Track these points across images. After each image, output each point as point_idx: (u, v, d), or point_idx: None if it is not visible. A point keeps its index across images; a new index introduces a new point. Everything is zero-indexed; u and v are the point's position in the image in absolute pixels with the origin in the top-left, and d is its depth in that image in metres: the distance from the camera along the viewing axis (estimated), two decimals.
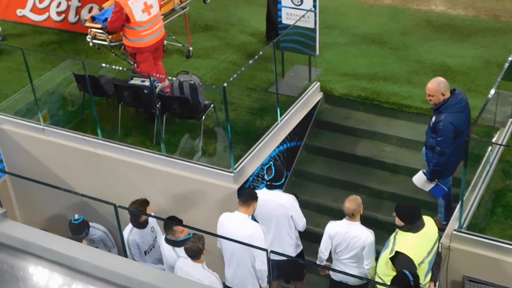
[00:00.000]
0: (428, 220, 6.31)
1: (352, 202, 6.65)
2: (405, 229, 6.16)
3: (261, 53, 8.49)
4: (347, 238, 6.70)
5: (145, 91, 8.69)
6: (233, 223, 6.76)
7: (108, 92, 9.08)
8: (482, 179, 7.53)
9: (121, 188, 8.53)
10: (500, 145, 7.93)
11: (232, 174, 7.83)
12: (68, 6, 11.70)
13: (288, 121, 8.69)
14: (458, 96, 6.95)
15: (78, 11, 11.65)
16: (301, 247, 7.37)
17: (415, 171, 7.49)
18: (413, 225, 6.14)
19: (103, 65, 9.20)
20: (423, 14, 11.17)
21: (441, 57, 9.83)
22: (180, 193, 8.27)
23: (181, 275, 6.48)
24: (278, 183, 7.09)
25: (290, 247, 7.24)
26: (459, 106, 6.91)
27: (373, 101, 9.00)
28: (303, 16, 9.13)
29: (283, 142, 8.57)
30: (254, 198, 6.80)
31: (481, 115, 6.92)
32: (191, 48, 10.54)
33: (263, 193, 7.05)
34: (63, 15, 11.75)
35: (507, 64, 7.59)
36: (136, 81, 8.95)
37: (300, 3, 9.23)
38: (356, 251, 6.70)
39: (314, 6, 9.09)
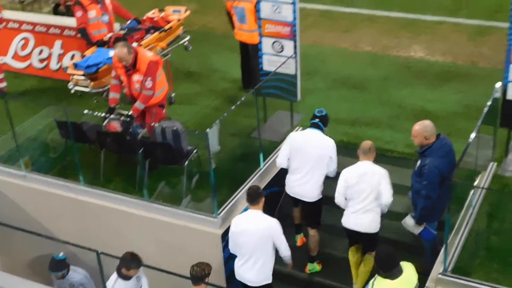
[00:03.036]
0: (407, 266, 6.24)
1: (369, 141, 7.38)
2: (383, 275, 6.11)
3: (243, 99, 8.55)
4: (363, 174, 7.18)
5: (128, 137, 8.69)
6: (247, 221, 7.04)
7: (91, 139, 9.06)
8: (465, 222, 7.56)
9: (104, 234, 8.45)
10: (482, 188, 7.99)
11: (216, 220, 7.79)
12: (50, 54, 11.74)
13: (271, 166, 8.70)
14: (442, 141, 7.02)
15: (60, 58, 11.68)
16: (322, 195, 7.75)
17: (399, 215, 7.50)
18: (390, 272, 6.09)
19: (85, 111, 9.18)
20: (403, 60, 11.35)
21: (422, 102, 9.96)
22: (164, 239, 8.20)
23: None
24: (323, 126, 7.73)
25: (316, 189, 7.68)
26: (443, 151, 6.98)
27: (355, 145, 9.02)
28: (284, 62, 9.24)
29: (266, 187, 8.55)
30: (261, 194, 7.07)
31: (463, 158, 6.98)
32: (173, 94, 10.58)
33: (306, 132, 7.71)
34: (45, 62, 11.78)
35: (486, 108, 7.70)
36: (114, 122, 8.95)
37: (281, 50, 9.35)
38: (372, 187, 7.11)
39: (295, 52, 9.21)
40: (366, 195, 7.20)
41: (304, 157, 7.63)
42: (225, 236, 7.66)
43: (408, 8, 13.04)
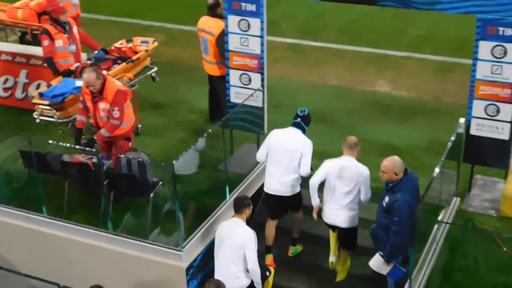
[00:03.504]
0: None
1: (354, 136, 7.68)
2: None
3: (210, 130, 8.55)
4: (345, 169, 7.48)
5: (92, 168, 8.61)
6: (227, 228, 7.29)
7: (55, 169, 8.95)
8: (429, 258, 7.60)
9: (66, 267, 8.29)
10: (446, 223, 8.05)
11: (181, 253, 7.72)
12: (16, 83, 11.63)
13: None
14: (410, 175, 7.08)
15: (25, 87, 11.58)
16: (300, 188, 8.06)
17: (365, 249, 7.50)
18: None
19: (50, 141, 9.09)
20: (369, 94, 11.48)
21: (387, 136, 10.06)
22: (128, 272, 8.07)
23: None
24: (305, 125, 7.99)
25: (292, 185, 7.94)
26: (411, 186, 7.03)
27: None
28: (251, 95, 9.27)
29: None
30: (246, 205, 7.28)
31: (427, 193, 7.05)
32: (140, 126, 10.54)
33: (286, 130, 8.01)
34: (10, 92, 11.66)
35: (450, 144, 7.80)
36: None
37: (248, 82, 9.39)
38: (352, 183, 7.44)
39: (262, 85, 9.27)
40: (345, 190, 7.51)
41: (278, 153, 7.91)
42: (189, 270, 7.59)
43: (375, 44, 13.24)
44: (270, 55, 10.09)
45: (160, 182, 8.69)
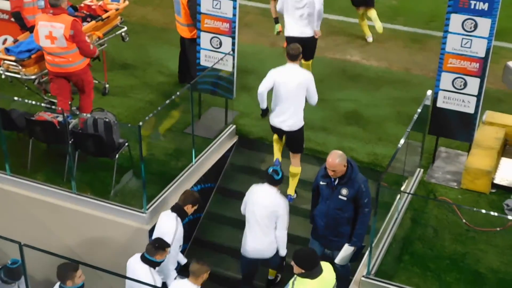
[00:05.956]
0: (325, 265, 6.28)
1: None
2: (303, 275, 6.09)
3: (178, 93, 8.50)
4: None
5: (58, 127, 8.53)
6: (287, 73, 8.06)
7: (19, 127, 8.85)
8: (390, 227, 7.71)
9: (28, 226, 8.26)
10: (408, 193, 8.16)
11: (144, 215, 7.73)
12: None
13: (203, 163, 8.69)
14: (351, 160, 7.08)
15: None
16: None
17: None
18: (311, 271, 6.10)
19: (15, 98, 8.96)
20: (339, 62, 11.48)
21: (355, 105, 10.09)
22: (90, 233, 8.08)
23: None
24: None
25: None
26: (356, 167, 7.09)
27: None
28: (221, 59, 9.22)
29: (197, 183, 8.55)
30: (300, 53, 8.13)
31: (391, 163, 7.12)
32: (107, 85, 10.43)
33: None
34: None
35: (416, 116, 7.86)
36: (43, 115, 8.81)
37: (219, 46, 9.32)
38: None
39: (233, 49, 9.21)
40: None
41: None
42: (152, 232, 7.60)
43: (347, 12, 13.19)
44: (241, 20, 10.02)
45: (126, 144, 8.64)
